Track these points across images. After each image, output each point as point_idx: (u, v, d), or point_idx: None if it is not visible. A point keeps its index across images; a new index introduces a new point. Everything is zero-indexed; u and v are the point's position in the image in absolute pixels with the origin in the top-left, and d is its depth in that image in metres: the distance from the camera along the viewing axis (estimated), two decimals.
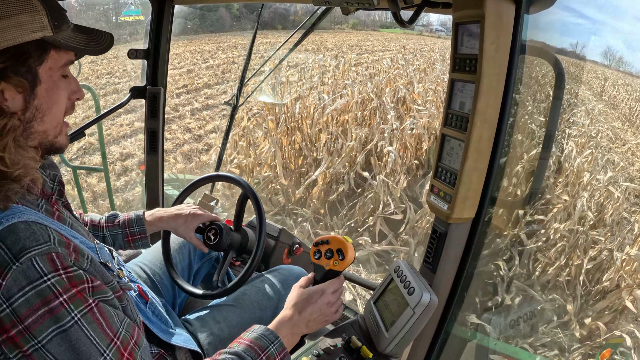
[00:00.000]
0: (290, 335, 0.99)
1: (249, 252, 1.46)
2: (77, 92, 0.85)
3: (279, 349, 0.94)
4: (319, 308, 1.02)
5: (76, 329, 0.68)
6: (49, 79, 0.78)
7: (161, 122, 2.04)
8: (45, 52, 0.76)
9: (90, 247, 0.83)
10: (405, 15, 0.99)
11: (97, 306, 0.72)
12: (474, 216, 1.09)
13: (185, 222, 1.34)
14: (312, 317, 1.02)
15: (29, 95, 0.76)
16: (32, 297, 0.66)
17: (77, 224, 0.88)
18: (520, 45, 0.98)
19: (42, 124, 0.79)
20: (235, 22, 23.38)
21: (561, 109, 1.39)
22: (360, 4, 0.94)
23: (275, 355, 0.93)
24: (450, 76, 1.07)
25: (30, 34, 0.72)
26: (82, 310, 0.69)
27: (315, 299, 1.03)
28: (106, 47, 0.85)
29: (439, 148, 1.12)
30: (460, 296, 1.17)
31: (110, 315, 0.74)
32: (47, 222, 0.74)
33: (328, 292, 1.04)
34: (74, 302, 0.69)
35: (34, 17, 0.73)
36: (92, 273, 0.75)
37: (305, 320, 1.01)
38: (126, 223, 1.31)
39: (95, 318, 0.71)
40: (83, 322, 0.69)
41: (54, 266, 0.68)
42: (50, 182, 0.84)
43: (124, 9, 8.97)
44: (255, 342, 0.93)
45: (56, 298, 0.67)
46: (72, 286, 0.69)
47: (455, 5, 1.03)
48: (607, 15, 5.83)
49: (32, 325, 0.66)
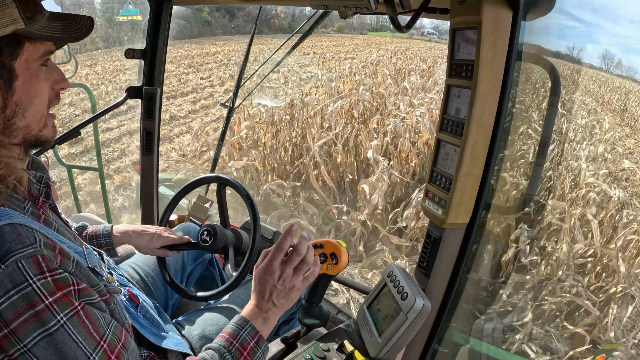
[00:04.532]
0: (262, 321, 0.96)
1: (243, 254, 1.46)
2: (61, 81, 0.83)
3: (251, 333, 0.94)
4: (273, 285, 0.96)
5: (62, 333, 0.67)
6: (26, 71, 0.75)
7: (157, 123, 2.03)
8: (19, 46, 0.73)
9: (79, 251, 0.82)
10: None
11: (83, 309, 0.71)
12: (469, 221, 1.09)
13: (149, 240, 1.35)
14: (274, 296, 0.97)
15: (6, 92, 0.74)
16: (17, 300, 0.65)
17: (64, 228, 0.86)
18: (516, 52, 0.99)
19: (23, 119, 0.77)
20: (205, 27, 22.65)
21: (557, 115, 1.39)
22: (358, 8, 0.94)
23: (248, 341, 0.93)
24: (447, 82, 1.07)
25: (0, 29, 0.70)
26: (68, 314, 0.68)
27: (266, 279, 0.97)
28: (85, 33, 0.82)
29: (434, 153, 1.12)
30: (454, 301, 1.17)
31: (97, 318, 0.73)
32: (34, 225, 0.72)
33: (275, 267, 0.97)
34: (60, 305, 0.68)
35: (3, 12, 0.70)
36: (77, 276, 0.74)
37: (270, 301, 0.97)
38: (94, 236, 1.32)
39: (81, 321, 0.70)
40: (69, 326, 0.68)
41: (40, 269, 0.67)
42: (37, 183, 0.81)
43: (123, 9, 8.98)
44: (226, 331, 0.94)
45: (42, 301, 0.66)
46: (57, 289, 0.68)
47: (452, 11, 1.04)
48: (602, 19, 5.90)
49: (18, 328, 0.64)
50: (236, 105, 2.52)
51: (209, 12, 21.17)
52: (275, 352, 1.15)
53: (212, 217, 2.18)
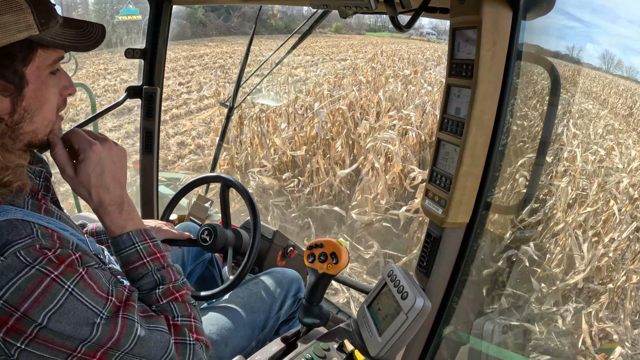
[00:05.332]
0: (127, 214, 0.86)
1: (243, 254, 1.46)
2: (69, 87, 0.81)
3: (140, 237, 0.86)
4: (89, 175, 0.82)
5: (71, 300, 0.69)
6: (37, 78, 0.74)
7: (157, 122, 2.04)
8: (31, 52, 0.72)
9: (82, 239, 0.82)
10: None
11: (87, 272, 0.72)
12: (469, 221, 1.09)
13: None
14: (115, 179, 0.84)
15: (16, 97, 0.73)
16: (23, 284, 0.65)
17: (66, 217, 0.86)
18: (516, 51, 0.99)
19: (31, 124, 0.76)
20: (200, 28, 22.18)
21: (557, 114, 1.39)
22: (358, 7, 0.94)
23: (148, 245, 0.87)
24: (447, 81, 1.07)
25: (15, 35, 0.68)
26: (74, 280, 0.69)
27: (81, 178, 0.82)
28: (97, 42, 0.81)
29: (434, 152, 1.12)
30: (454, 301, 1.17)
31: (99, 277, 0.74)
32: (33, 217, 0.72)
33: (90, 155, 0.81)
34: (66, 275, 0.69)
35: (19, 17, 0.68)
36: (75, 250, 0.74)
37: (115, 188, 0.84)
38: (94, 232, 1.30)
39: (87, 284, 0.71)
40: (77, 291, 0.69)
41: (41, 253, 0.68)
42: (36, 178, 0.81)
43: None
44: (126, 262, 0.86)
45: (47, 276, 0.67)
46: (60, 262, 0.69)
47: (452, 10, 1.04)
48: (602, 19, 5.90)
49: (29, 309, 0.65)
50: (236, 105, 2.53)
51: (204, 12, 20.94)
52: (276, 351, 1.15)
53: (212, 216, 2.19)
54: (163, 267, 0.87)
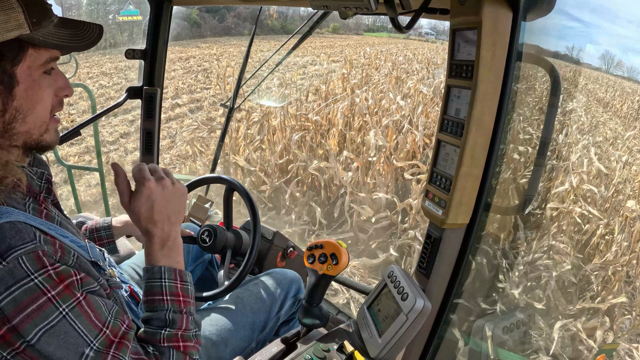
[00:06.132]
0: (167, 251, 0.87)
1: (243, 255, 1.46)
2: (65, 88, 0.81)
3: (171, 275, 0.86)
4: (152, 201, 0.85)
5: (64, 323, 0.68)
6: (28, 78, 0.74)
7: (157, 123, 2.04)
8: (21, 51, 0.71)
9: (81, 245, 0.82)
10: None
11: (85, 299, 0.71)
12: (469, 222, 1.09)
13: None
14: (164, 215, 0.86)
15: (6, 97, 0.72)
16: (19, 296, 0.65)
17: (67, 222, 0.86)
18: (516, 52, 0.99)
19: (24, 125, 0.75)
20: (195, 28, 21.89)
21: (556, 115, 1.39)
22: (359, 8, 0.94)
23: (175, 285, 0.86)
24: (447, 82, 1.07)
25: (4, 34, 0.68)
26: (70, 305, 0.69)
27: (139, 204, 0.85)
28: (92, 42, 0.80)
29: (434, 153, 1.12)
30: (454, 301, 1.17)
31: (99, 306, 0.73)
32: (35, 222, 0.72)
33: (151, 187, 0.85)
34: (63, 297, 0.68)
35: (8, 15, 0.68)
36: (77, 268, 0.74)
37: (158, 220, 0.86)
38: (94, 229, 1.30)
39: (83, 310, 0.70)
40: (71, 316, 0.68)
41: (41, 264, 0.67)
42: (38, 179, 0.81)
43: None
44: (148, 292, 0.85)
45: (44, 294, 0.66)
46: (60, 281, 0.68)
47: (452, 11, 1.04)
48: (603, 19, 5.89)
49: (21, 324, 0.65)
50: (236, 106, 2.53)
51: (198, 12, 20.74)
52: (276, 352, 1.15)
53: (212, 217, 2.18)
54: (180, 312, 0.85)
